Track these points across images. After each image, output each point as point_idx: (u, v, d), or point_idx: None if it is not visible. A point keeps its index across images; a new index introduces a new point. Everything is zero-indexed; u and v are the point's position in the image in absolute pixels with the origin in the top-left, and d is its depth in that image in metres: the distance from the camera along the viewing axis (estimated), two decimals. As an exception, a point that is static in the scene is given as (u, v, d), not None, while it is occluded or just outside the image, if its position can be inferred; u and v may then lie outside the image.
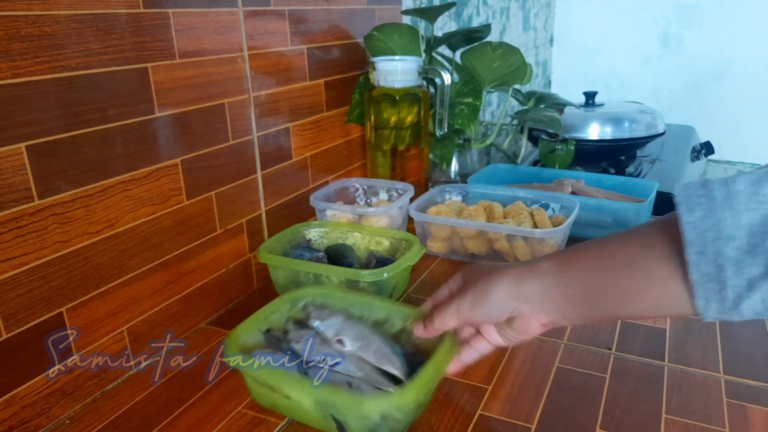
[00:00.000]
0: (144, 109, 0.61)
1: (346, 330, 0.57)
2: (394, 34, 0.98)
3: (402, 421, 0.50)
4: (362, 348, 0.55)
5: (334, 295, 0.63)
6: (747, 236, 0.33)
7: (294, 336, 0.57)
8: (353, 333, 0.56)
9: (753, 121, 2.10)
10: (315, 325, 0.58)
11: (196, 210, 0.69)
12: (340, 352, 0.55)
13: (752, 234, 0.33)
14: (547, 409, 0.54)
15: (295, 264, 0.73)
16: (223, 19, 0.69)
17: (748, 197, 0.34)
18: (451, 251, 0.87)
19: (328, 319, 0.58)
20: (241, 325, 0.57)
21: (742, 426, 0.51)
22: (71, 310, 0.55)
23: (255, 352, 0.55)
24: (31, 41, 0.49)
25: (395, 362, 0.53)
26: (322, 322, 0.58)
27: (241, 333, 0.56)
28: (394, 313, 0.60)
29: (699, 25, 2.13)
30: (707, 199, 0.35)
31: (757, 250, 0.33)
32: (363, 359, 0.54)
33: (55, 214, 0.53)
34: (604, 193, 0.99)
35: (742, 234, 0.34)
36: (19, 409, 0.52)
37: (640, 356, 0.61)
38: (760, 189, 0.33)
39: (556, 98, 1.22)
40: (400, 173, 0.98)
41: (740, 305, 0.34)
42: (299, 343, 0.56)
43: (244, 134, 0.75)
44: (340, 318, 0.59)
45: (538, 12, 2.14)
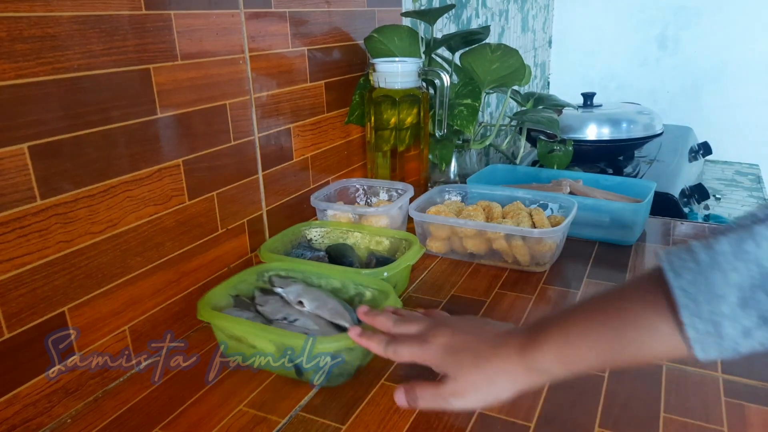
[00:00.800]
0: (146, 110, 0.61)
1: (305, 294, 0.64)
2: (394, 36, 0.99)
3: (351, 363, 0.57)
4: (319, 307, 0.63)
5: (296, 268, 0.70)
6: (737, 293, 0.36)
7: (260, 300, 0.65)
8: (312, 296, 0.64)
9: (750, 121, 2.11)
10: (278, 290, 0.66)
11: (197, 210, 0.69)
12: (300, 312, 0.62)
13: (742, 290, 0.36)
14: (546, 408, 0.54)
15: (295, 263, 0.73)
16: (224, 20, 0.70)
17: (734, 257, 0.36)
18: (450, 251, 0.87)
19: (289, 286, 0.66)
20: (211, 291, 0.64)
21: (740, 425, 0.52)
22: (73, 310, 0.56)
23: (225, 310, 0.62)
24: (33, 42, 0.49)
25: (347, 318, 0.61)
26: (285, 289, 0.65)
27: (212, 297, 0.63)
28: (348, 282, 0.68)
29: (696, 26, 2.14)
30: (694, 263, 0.38)
31: (748, 303, 0.36)
32: (320, 316, 0.62)
33: (57, 214, 0.53)
34: (602, 193, 0.99)
35: (732, 291, 0.36)
36: (21, 407, 0.52)
37: (639, 355, 0.62)
38: (742, 246, 0.36)
39: (554, 99, 1.23)
40: (400, 174, 0.98)
41: (738, 349, 0.37)
42: (264, 306, 0.64)
43: (245, 135, 0.76)
44: (301, 285, 0.67)
45: (536, 14, 2.15)
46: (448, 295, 0.75)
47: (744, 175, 1.79)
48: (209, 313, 0.60)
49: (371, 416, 0.54)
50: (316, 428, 0.53)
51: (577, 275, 0.80)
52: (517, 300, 0.74)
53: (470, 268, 0.83)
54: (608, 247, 0.88)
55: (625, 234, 0.89)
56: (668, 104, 2.21)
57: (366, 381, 0.58)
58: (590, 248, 0.88)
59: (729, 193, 1.60)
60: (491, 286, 0.78)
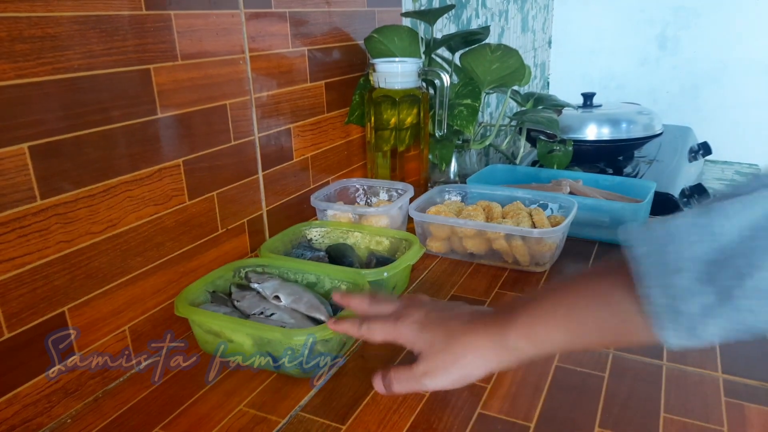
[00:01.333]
0: (146, 110, 0.61)
1: (281, 289, 0.65)
2: (394, 36, 0.99)
3: (327, 355, 0.59)
4: (295, 301, 0.64)
5: (271, 264, 0.71)
6: (695, 267, 0.35)
7: (236, 295, 0.66)
8: (288, 290, 0.65)
9: (750, 121, 2.11)
10: (254, 286, 0.66)
11: (198, 210, 0.69)
12: (277, 307, 0.63)
13: (699, 264, 0.35)
14: (546, 408, 0.54)
15: (294, 263, 0.73)
16: (224, 21, 0.70)
17: (688, 231, 0.36)
18: (450, 251, 0.87)
19: (266, 281, 0.66)
20: (188, 287, 0.64)
21: (740, 425, 0.52)
22: (74, 310, 0.56)
23: (203, 305, 0.63)
24: (34, 42, 0.49)
25: (323, 311, 0.63)
26: (261, 284, 0.66)
27: (189, 294, 0.63)
28: (323, 277, 0.70)
29: (696, 27, 2.14)
30: (651, 237, 0.37)
31: (706, 279, 0.35)
32: (296, 310, 0.63)
33: (57, 214, 0.53)
34: (601, 193, 0.99)
35: (689, 265, 0.35)
36: (21, 407, 0.52)
37: (639, 355, 0.62)
38: (697, 220, 0.35)
39: (554, 99, 1.23)
40: (400, 174, 0.98)
41: (697, 331, 0.36)
42: (241, 301, 0.65)
43: (245, 135, 0.76)
44: (277, 280, 0.67)
45: (536, 14, 2.15)
46: (448, 295, 0.75)
47: (744, 175, 1.79)
48: (186, 309, 0.61)
49: (371, 416, 0.54)
50: (316, 428, 0.53)
51: (577, 275, 0.80)
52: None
53: (470, 268, 0.83)
54: (608, 247, 0.88)
55: (624, 234, 0.89)
56: (668, 104, 2.21)
57: (366, 381, 0.58)
58: (590, 248, 0.88)
59: (729, 193, 1.60)
60: (491, 286, 0.78)
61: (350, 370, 0.61)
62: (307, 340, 0.55)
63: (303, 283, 0.70)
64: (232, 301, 0.66)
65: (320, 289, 0.70)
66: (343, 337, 0.60)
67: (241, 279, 0.70)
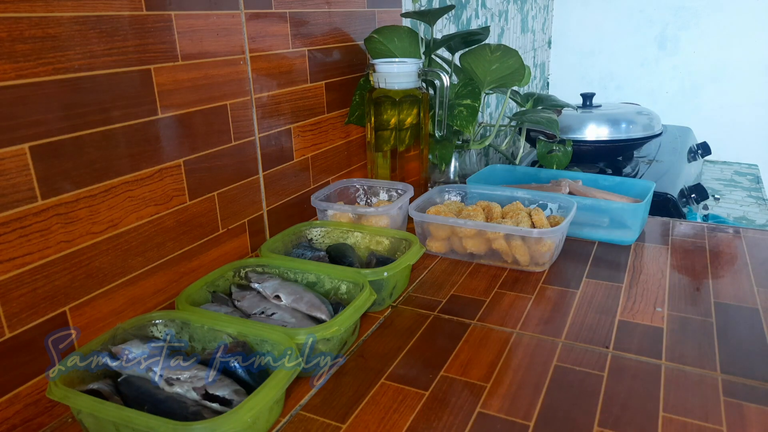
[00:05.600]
0: (147, 110, 0.61)
1: (282, 288, 0.66)
2: (394, 37, 0.99)
3: (327, 354, 0.59)
4: (295, 301, 0.64)
5: (272, 264, 0.71)
6: None
7: (237, 295, 0.66)
8: (288, 290, 0.65)
9: (749, 122, 2.12)
10: (255, 286, 0.66)
11: (198, 210, 0.69)
12: (277, 306, 0.63)
13: None
14: (545, 407, 0.54)
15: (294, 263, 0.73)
16: (224, 21, 0.70)
17: None
18: (450, 251, 0.87)
19: (266, 281, 0.67)
20: (189, 288, 0.64)
21: (739, 424, 0.52)
22: (74, 309, 0.56)
23: (203, 306, 0.63)
24: (34, 43, 0.50)
25: (324, 310, 0.63)
26: (261, 284, 0.66)
27: (190, 294, 0.63)
28: (323, 276, 0.70)
29: (696, 27, 2.14)
30: None
31: None
32: (296, 309, 0.63)
33: (58, 214, 0.53)
34: (601, 193, 0.99)
35: None
36: (22, 407, 0.52)
37: (638, 354, 0.62)
38: None
39: (553, 100, 1.23)
40: (400, 174, 0.98)
41: None
42: (241, 301, 0.65)
43: (246, 135, 0.76)
44: (277, 280, 0.68)
45: (536, 15, 2.15)
46: (447, 294, 0.76)
47: (743, 175, 1.80)
48: (187, 309, 0.60)
49: (371, 416, 0.54)
50: (316, 427, 0.53)
51: (577, 275, 0.80)
52: (516, 300, 0.74)
53: (470, 268, 0.83)
54: (607, 247, 0.89)
55: (624, 234, 0.89)
56: (667, 104, 2.22)
57: (366, 381, 0.58)
58: (590, 248, 0.88)
59: (728, 193, 1.60)
60: (491, 285, 0.78)
61: (350, 370, 0.61)
62: (307, 339, 0.55)
63: (303, 283, 0.70)
64: (233, 301, 0.66)
65: (320, 289, 0.70)
66: (343, 336, 0.61)
67: (241, 279, 0.70)
